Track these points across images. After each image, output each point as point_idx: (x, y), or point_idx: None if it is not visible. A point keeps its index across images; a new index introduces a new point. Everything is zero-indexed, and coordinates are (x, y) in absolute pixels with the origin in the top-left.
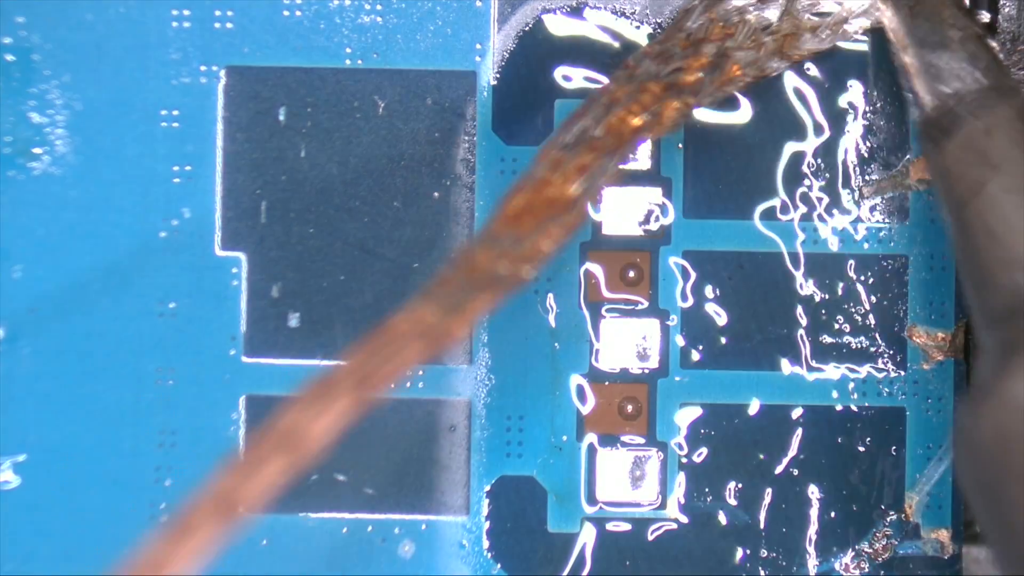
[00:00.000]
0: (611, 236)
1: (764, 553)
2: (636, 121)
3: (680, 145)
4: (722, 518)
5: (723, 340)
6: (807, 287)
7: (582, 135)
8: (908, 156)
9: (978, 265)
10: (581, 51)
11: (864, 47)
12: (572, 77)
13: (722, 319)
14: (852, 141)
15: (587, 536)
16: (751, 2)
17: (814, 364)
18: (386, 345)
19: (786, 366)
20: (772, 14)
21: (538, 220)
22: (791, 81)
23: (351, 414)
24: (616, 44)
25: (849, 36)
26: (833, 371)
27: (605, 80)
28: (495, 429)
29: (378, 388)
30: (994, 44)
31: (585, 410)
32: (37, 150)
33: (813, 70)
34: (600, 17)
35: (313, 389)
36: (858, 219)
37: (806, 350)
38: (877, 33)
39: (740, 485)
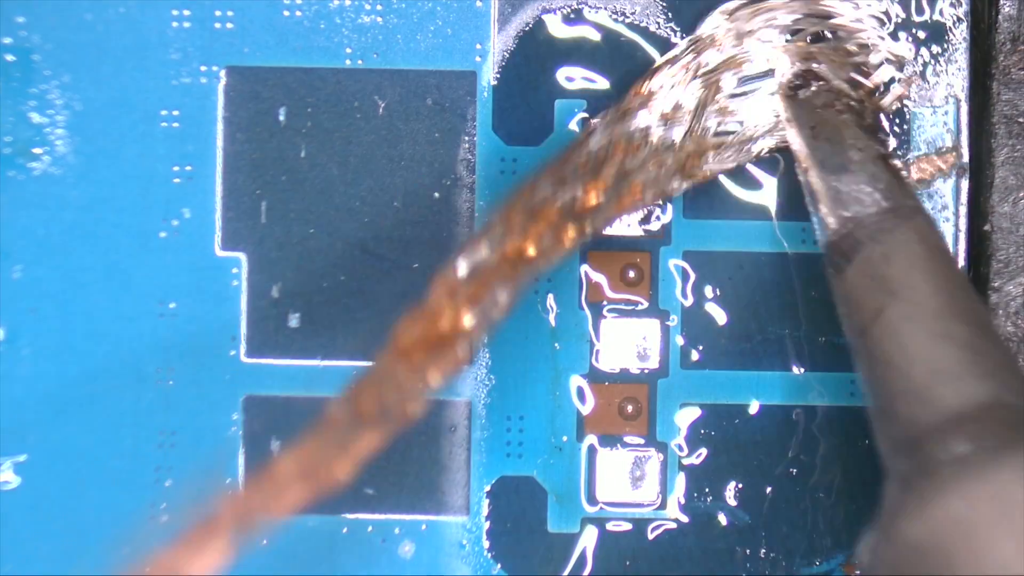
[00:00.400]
0: (611, 236)
1: (764, 553)
2: (531, 250)
3: None
4: (722, 518)
5: (723, 340)
6: (807, 287)
7: (478, 264)
8: (909, 156)
9: (879, 395)
10: (581, 51)
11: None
12: (572, 77)
13: (722, 319)
14: None
15: (587, 536)
16: (655, 122)
17: (814, 364)
18: (269, 487)
19: (786, 366)
20: (676, 133)
21: (428, 354)
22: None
23: (230, 553)
24: (616, 45)
25: (753, 156)
26: (833, 371)
27: (602, 80)
28: (495, 429)
29: (256, 528)
30: (897, 163)
31: (585, 410)
32: (37, 150)
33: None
34: (600, 18)
35: (193, 527)
36: None
37: (806, 350)
38: (786, 152)
39: (740, 485)
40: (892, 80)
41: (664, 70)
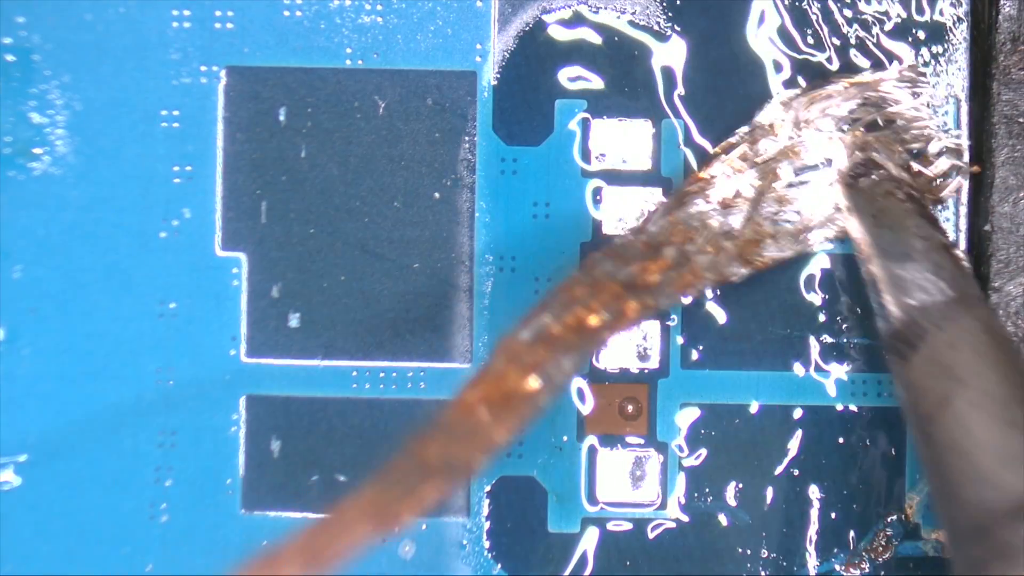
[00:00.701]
0: (611, 236)
1: (764, 553)
2: (593, 319)
3: (681, 146)
4: (722, 518)
5: (723, 340)
6: (807, 287)
7: (541, 330)
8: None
9: (945, 480)
10: (581, 51)
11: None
12: (573, 77)
13: (722, 319)
14: None
15: (587, 536)
16: (714, 208)
17: (814, 364)
18: (334, 525)
19: (786, 366)
20: (735, 220)
21: (493, 411)
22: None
23: None
24: (616, 45)
25: (811, 246)
26: (833, 371)
27: (603, 80)
28: None
29: (325, 566)
30: (959, 253)
31: (585, 410)
32: (37, 150)
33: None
34: (600, 18)
35: (261, 562)
36: None
37: (806, 350)
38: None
39: (740, 485)
40: (952, 169)
41: (721, 157)
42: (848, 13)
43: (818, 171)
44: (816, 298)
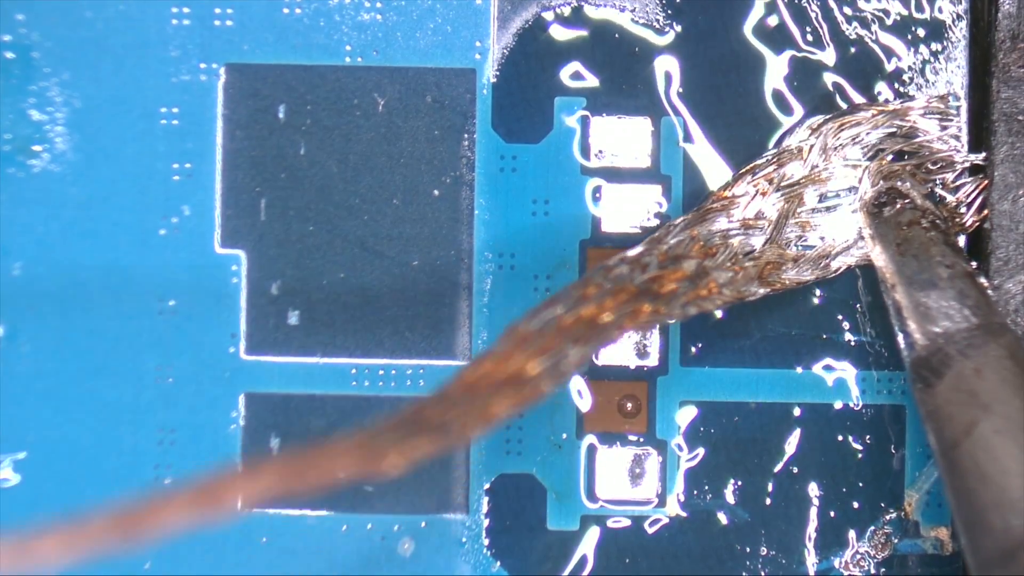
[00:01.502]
0: (610, 234)
1: (763, 551)
2: (606, 317)
3: (680, 143)
4: (722, 516)
5: (723, 337)
6: (808, 284)
7: (550, 319)
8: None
9: (970, 507)
10: (581, 49)
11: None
12: (572, 75)
13: (721, 317)
14: None
15: (587, 534)
16: (735, 227)
17: (814, 362)
18: (320, 452)
19: (786, 364)
20: (756, 241)
21: (494, 387)
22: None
23: (270, 497)
24: (615, 42)
25: (832, 271)
26: (833, 369)
27: (596, 81)
28: None
29: (302, 482)
30: (983, 281)
31: (584, 408)
32: (37, 148)
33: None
34: (600, 15)
35: (242, 472)
36: None
37: (806, 348)
38: (865, 268)
39: (740, 483)
40: (975, 198)
41: (747, 178)
42: (848, 11)
43: (842, 198)
44: (816, 295)
